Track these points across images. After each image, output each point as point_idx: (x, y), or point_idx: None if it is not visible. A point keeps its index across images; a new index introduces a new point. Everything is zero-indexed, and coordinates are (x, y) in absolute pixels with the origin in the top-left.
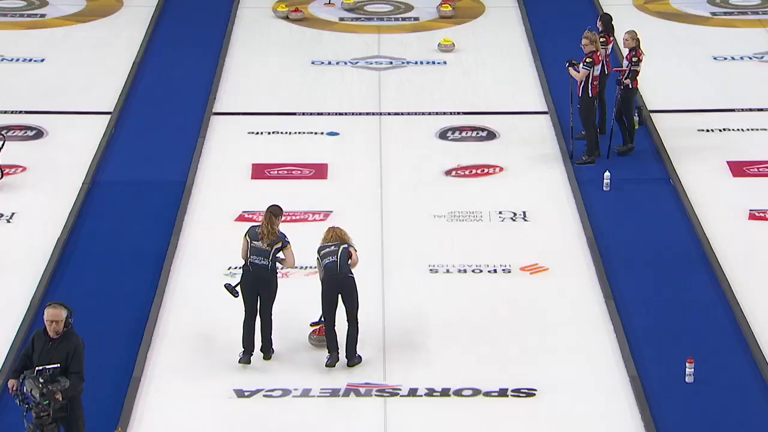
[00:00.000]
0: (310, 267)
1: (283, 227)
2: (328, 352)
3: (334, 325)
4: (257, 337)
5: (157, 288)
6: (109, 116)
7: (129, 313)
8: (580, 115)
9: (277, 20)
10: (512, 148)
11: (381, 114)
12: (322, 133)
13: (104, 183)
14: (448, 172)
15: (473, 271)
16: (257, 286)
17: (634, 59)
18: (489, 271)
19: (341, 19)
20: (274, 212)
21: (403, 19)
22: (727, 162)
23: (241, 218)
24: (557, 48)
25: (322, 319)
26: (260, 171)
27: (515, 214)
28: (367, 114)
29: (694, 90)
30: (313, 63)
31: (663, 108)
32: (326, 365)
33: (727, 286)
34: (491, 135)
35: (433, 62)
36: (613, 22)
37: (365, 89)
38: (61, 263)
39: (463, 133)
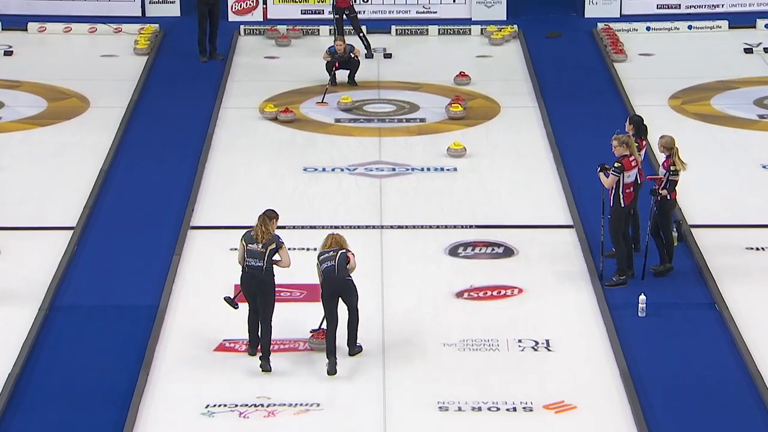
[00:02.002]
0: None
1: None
2: (327, 357)
3: (336, 328)
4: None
5: (124, 430)
6: (71, 232)
7: None
8: (610, 229)
9: (264, 122)
10: (533, 266)
11: (383, 227)
12: (315, 249)
13: (64, 308)
14: (459, 294)
15: (489, 409)
16: (253, 287)
17: (671, 167)
18: (507, 410)
19: (337, 120)
20: (269, 215)
21: (408, 120)
22: None
23: (221, 347)
24: (582, 153)
25: (322, 326)
26: None
27: (537, 343)
28: (367, 227)
29: (740, 202)
30: (305, 170)
31: (705, 222)
32: (328, 373)
33: None
34: (508, 251)
35: (442, 169)
36: (645, 124)
37: (364, 199)
38: (12, 402)
39: (477, 249)
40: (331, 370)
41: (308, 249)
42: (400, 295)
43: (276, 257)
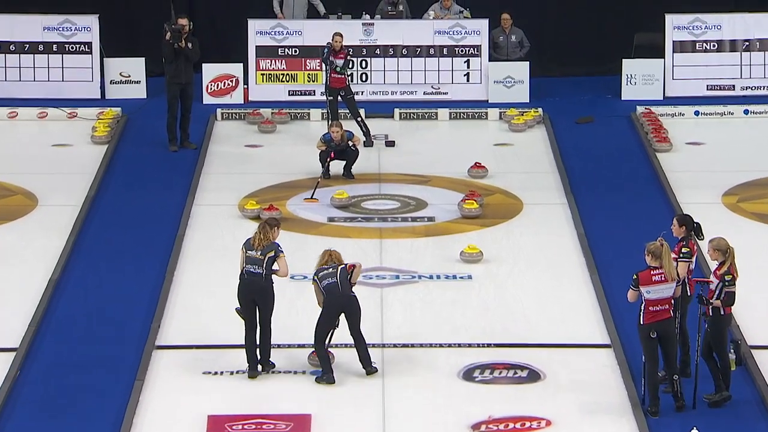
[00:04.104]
0: None
1: None
2: (323, 373)
3: (328, 347)
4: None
5: None
6: (12, 354)
7: None
8: (642, 346)
9: (245, 221)
10: (562, 393)
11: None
12: (304, 372)
13: None
14: (475, 427)
15: None
16: (253, 294)
17: (725, 276)
18: None
19: (330, 219)
20: (270, 223)
21: (414, 219)
22: None
23: None
24: (620, 258)
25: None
26: (219, 426)
27: None
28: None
29: None
30: (292, 278)
31: None
32: (316, 380)
33: None
34: (534, 375)
35: (454, 276)
36: (695, 224)
37: (363, 312)
38: None
39: (496, 373)
40: (329, 380)
41: (295, 372)
42: (405, 429)
43: (274, 266)
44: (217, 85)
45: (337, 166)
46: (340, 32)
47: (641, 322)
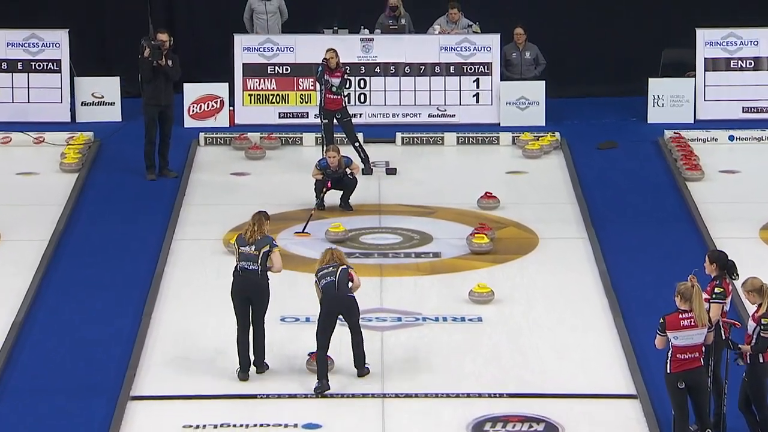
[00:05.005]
0: None
1: None
2: (317, 380)
3: (327, 351)
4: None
5: None
6: None
7: None
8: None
9: (229, 257)
10: None
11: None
12: (295, 425)
13: None
14: None
15: None
16: (247, 291)
17: (762, 320)
18: None
19: None
20: (266, 216)
21: (418, 255)
22: None
23: None
24: (646, 299)
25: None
26: None
27: None
28: (363, 396)
29: None
30: (283, 320)
31: None
32: (315, 390)
33: None
34: (551, 429)
35: (463, 319)
36: (730, 261)
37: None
38: None
39: (509, 426)
40: (321, 391)
41: (285, 425)
42: None
43: (268, 261)
44: (200, 106)
45: (333, 197)
46: (334, 48)
47: (668, 371)
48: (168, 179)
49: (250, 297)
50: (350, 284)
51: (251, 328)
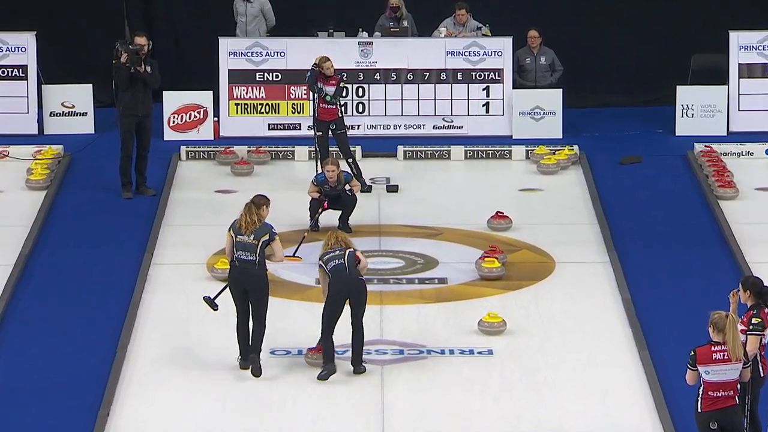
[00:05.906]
0: None
1: None
2: (324, 364)
3: (332, 335)
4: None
5: None
6: None
7: None
8: None
9: (214, 283)
10: None
11: None
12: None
13: None
14: None
15: None
16: (245, 283)
17: None
18: None
19: (319, 281)
20: (257, 202)
21: (422, 281)
22: None
23: None
24: (674, 329)
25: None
26: None
27: None
28: None
29: None
30: (273, 353)
31: None
32: (318, 378)
33: None
34: None
35: (471, 351)
36: (765, 287)
37: (359, 396)
38: None
39: None
40: (325, 377)
41: None
42: None
43: (267, 250)
44: (181, 117)
45: (330, 217)
46: (328, 56)
47: (699, 410)
48: (146, 197)
49: (247, 290)
50: (358, 265)
51: (251, 323)
